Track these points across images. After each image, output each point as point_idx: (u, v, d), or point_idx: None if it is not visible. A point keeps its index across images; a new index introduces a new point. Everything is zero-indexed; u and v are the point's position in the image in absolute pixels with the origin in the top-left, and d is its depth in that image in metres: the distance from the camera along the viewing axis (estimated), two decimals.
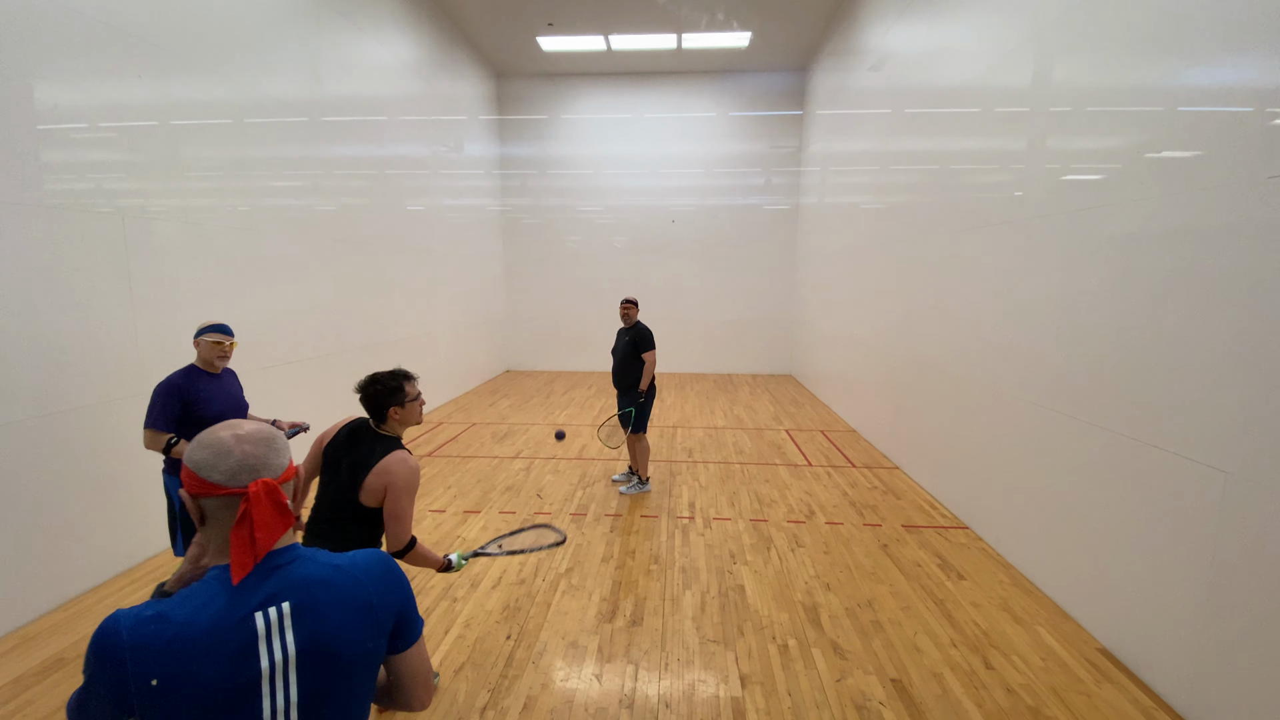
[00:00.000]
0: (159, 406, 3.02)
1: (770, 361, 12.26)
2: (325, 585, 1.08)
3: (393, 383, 2.35)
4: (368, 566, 1.15)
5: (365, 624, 1.10)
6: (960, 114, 4.97)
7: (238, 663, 0.99)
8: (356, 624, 1.09)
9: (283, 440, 1.13)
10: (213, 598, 1.01)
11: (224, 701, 0.98)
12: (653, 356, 5.26)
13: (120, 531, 3.91)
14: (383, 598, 1.13)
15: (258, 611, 1.01)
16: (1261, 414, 2.35)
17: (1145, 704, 2.78)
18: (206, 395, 3.14)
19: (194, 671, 0.96)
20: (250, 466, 1.05)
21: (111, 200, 3.85)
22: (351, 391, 2.44)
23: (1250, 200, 2.42)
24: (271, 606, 1.03)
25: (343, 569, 1.12)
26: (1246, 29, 2.49)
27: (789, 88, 11.44)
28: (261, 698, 1.00)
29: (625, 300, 5.40)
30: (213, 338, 3.20)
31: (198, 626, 0.98)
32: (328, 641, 1.05)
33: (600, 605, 3.60)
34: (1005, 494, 4.19)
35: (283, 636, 1.02)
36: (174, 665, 0.95)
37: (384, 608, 1.13)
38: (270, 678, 1.01)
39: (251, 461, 1.05)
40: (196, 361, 3.23)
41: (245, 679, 0.99)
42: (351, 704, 1.11)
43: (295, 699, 1.03)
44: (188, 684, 0.95)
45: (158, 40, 4.18)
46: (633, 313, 5.35)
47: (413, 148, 8.17)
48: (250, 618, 1.01)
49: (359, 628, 1.09)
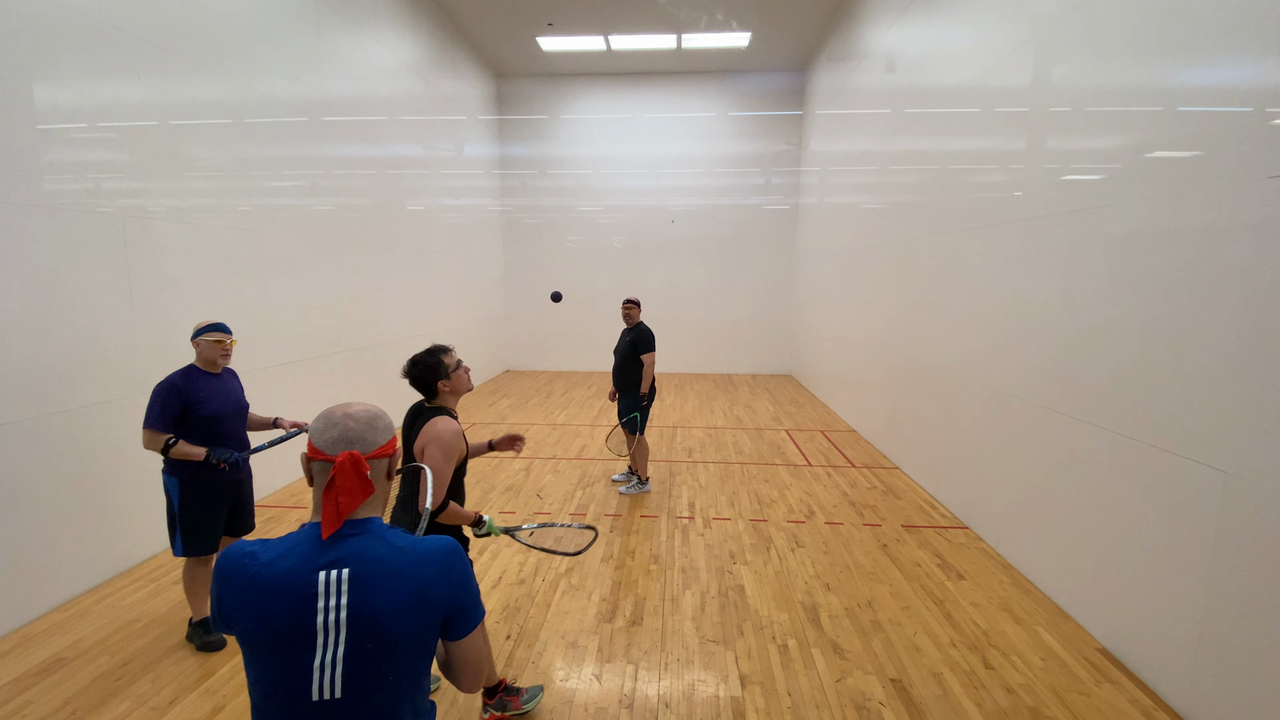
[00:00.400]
0: (158, 407, 3.00)
1: (770, 361, 12.26)
2: (383, 562, 1.17)
3: (431, 360, 2.44)
4: (428, 554, 1.22)
5: (414, 606, 1.17)
6: (960, 114, 4.97)
7: (299, 609, 1.12)
8: (404, 604, 1.16)
9: (385, 421, 1.27)
10: (295, 547, 1.16)
11: (284, 640, 1.12)
12: (651, 358, 5.25)
13: (120, 531, 3.91)
14: (436, 586, 1.20)
15: (321, 570, 1.14)
16: (1261, 414, 2.35)
17: (1145, 704, 2.78)
18: (206, 395, 3.13)
19: (263, 607, 1.12)
20: (346, 439, 1.20)
21: (111, 200, 3.85)
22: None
23: (1250, 200, 2.42)
24: (334, 569, 1.14)
25: (404, 551, 1.20)
26: (1246, 29, 2.49)
27: (789, 88, 11.44)
28: (315, 647, 1.12)
29: (627, 300, 5.39)
30: (213, 337, 3.19)
31: (276, 569, 1.14)
32: (373, 613, 1.14)
33: (600, 605, 3.60)
34: (1005, 494, 4.19)
35: (338, 598, 1.13)
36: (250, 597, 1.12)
37: (436, 595, 1.20)
38: (324, 630, 1.13)
39: (349, 435, 1.20)
40: (196, 361, 3.20)
41: (303, 626, 1.12)
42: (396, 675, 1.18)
43: (341, 656, 1.13)
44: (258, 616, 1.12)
45: (158, 40, 4.18)
46: (635, 313, 5.35)
47: (413, 148, 8.17)
48: (315, 574, 1.13)
49: (406, 608, 1.16)
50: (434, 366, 2.43)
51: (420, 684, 1.25)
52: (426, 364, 2.43)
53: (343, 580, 1.14)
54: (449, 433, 2.33)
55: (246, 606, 1.13)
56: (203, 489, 3.12)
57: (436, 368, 2.44)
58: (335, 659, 1.13)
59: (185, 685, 2.89)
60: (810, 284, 10.61)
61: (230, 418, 3.23)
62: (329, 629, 1.13)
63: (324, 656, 1.13)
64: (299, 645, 1.12)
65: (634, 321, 5.35)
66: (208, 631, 3.20)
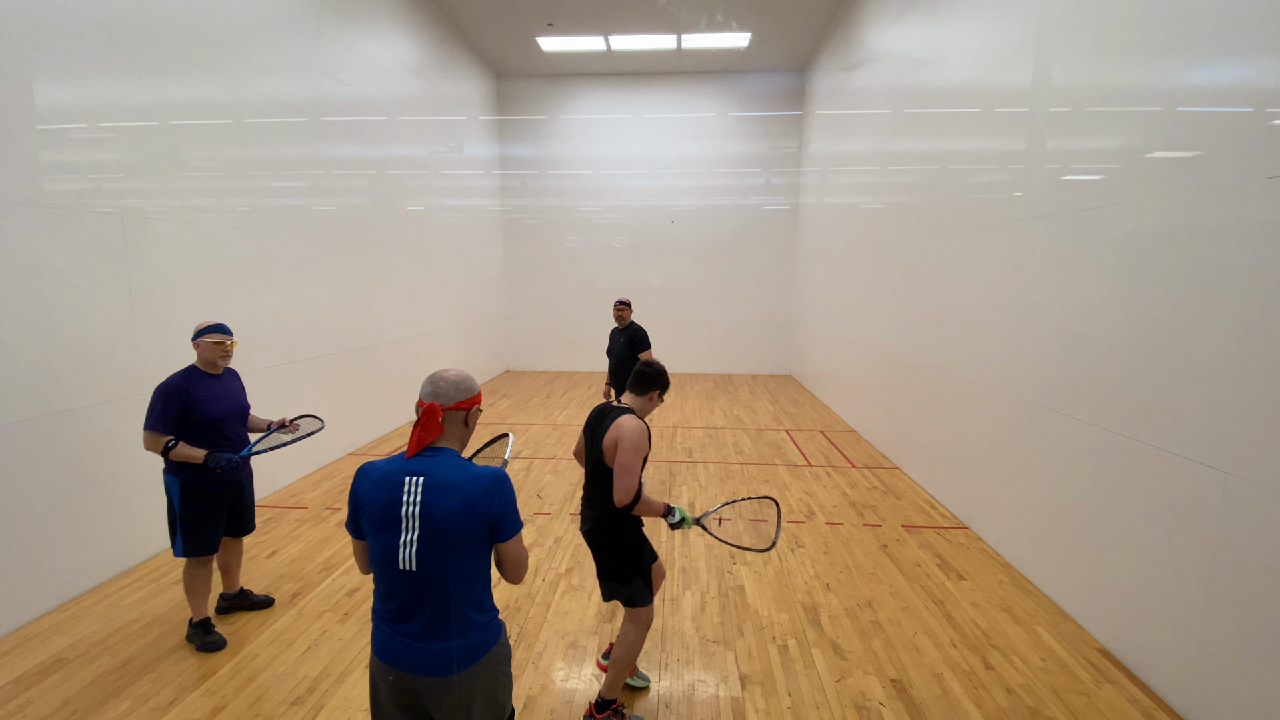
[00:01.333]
0: (159, 408, 2.99)
1: (770, 361, 12.26)
2: (446, 478, 1.63)
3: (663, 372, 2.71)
4: (479, 478, 1.65)
5: (464, 513, 1.61)
6: (960, 114, 4.97)
7: (391, 498, 1.62)
8: (457, 510, 1.60)
9: (469, 384, 1.74)
10: (396, 460, 1.67)
11: (382, 520, 1.62)
12: (650, 356, 5.26)
13: (120, 531, 3.91)
14: (483, 501, 1.63)
15: (407, 475, 1.63)
16: (1261, 414, 2.35)
17: (1145, 704, 2.78)
18: (207, 396, 3.12)
19: (373, 496, 1.63)
20: (435, 394, 1.70)
21: (111, 200, 3.85)
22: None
23: (1250, 200, 2.42)
24: (415, 476, 1.63)
25: (464, 473, 1.65)
26: (1246, 29, 2.49)
27: (789, 88, 11.44)
28: (400, 529, 1.61)
29: (619, 301, 5.44)
30: (214, 338, 3.17)
31: (380, 471, 1.66)
32: (434, 512, 1.60)
33: (600, 605, 3.60)
34: (1005, 494, 4.19)
35: (415, 495, 1.61)
36: (369, 487, 1.65)
37: (482, 508, 1.63)
38: (404, 519, 1.61)
39: (436, 391, 1.70)
40: (197, 362, 3.18)
41: (393, 511, 1.61)
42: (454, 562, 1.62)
43: (416, 538, 1.60)
44: (370, 502, 1.64)
45: (158, 40, 4.18)
46: (626, 314, 5.40)
47: (413, 148, 8.17)
48: (403, 474, 1.63)
49: (458, 514, 1.60)
50: (662, 378, 2.70)
51: (476, 577, 1.68)
52: (661, 373, 2.71)
53: (418, 484, 1.62)
54: (638, 430, 2.52)
55: (367, 494, 1.65)
56: (203, 490, 3.11)
57: (663, 380, 2.70)
58: (412, 540, 1.60)
59: (185, 685, 2.89)
60: (810, 284, 10.61)
61: (231, 419, 3.22)
62: (407, 519, 1.61)
63: (405, 537, 1.61)
64: (391, 528, 1.61)
65: (625, 322, 5.41)
66: (208, 632, 3.19)
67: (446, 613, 1.63)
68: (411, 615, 1.63)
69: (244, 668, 3.02)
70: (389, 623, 1.66)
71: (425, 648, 1.63)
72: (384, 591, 1.67)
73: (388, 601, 1.66)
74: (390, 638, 1.65)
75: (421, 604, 1.63)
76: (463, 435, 1.74)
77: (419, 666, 1.63)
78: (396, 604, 1.65)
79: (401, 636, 1.64)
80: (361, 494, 1.66)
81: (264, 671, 3.00)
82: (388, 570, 1.64)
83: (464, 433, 1.74)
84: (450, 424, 1.71)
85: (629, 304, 5.50)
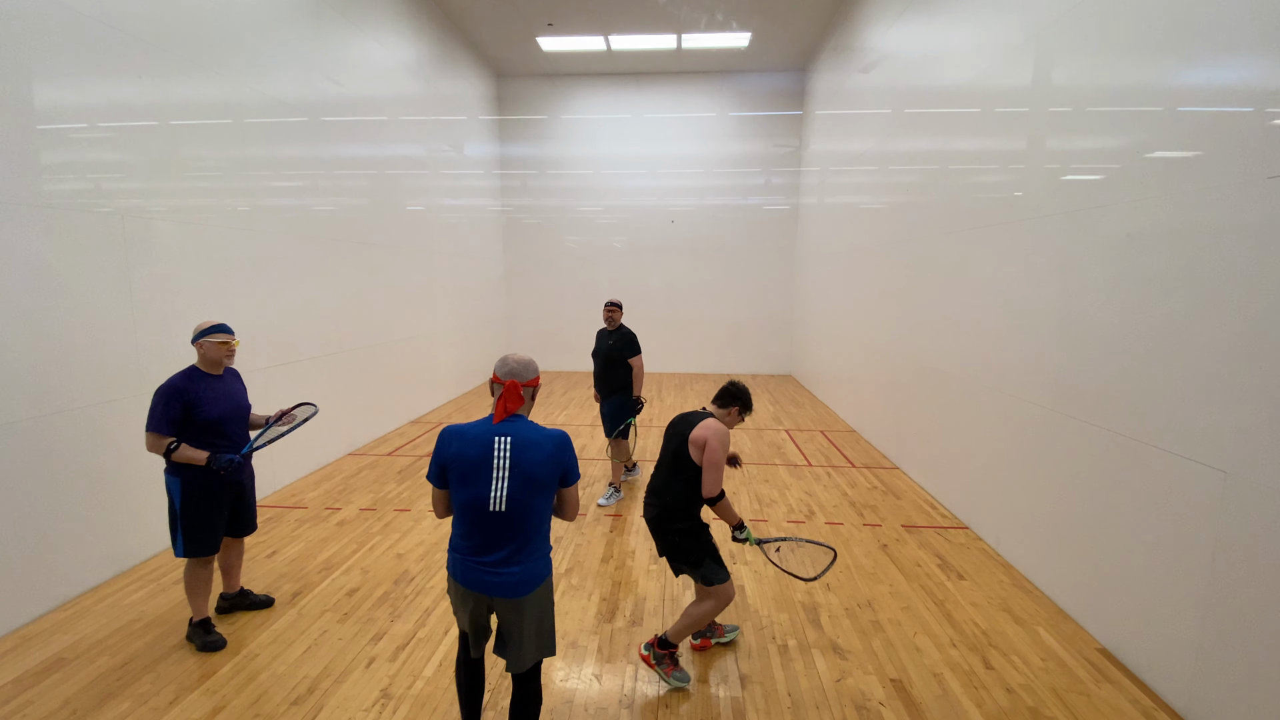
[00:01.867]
0: (160, 410, 2.97)
1: (770, 361, 12.26)
2: (529, 437, 2.11)
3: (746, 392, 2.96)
4: (553, 437, 2.15)
5: (545, 463, 2.10)
6: (960, 114, 4.97)
7: (483, 455, 2.07)
8: (536, 461, 2.08)
9: (534, 367, 2.21)
10: (484, 424, 2.13)
11: (473, 473, 2.06)
12: (640, 361, 5.20)
13: (120, 531, 3.91)
14: (553, 456, 2.12)
15: (495, 435, 2.09)
16: (1261, 414, 2.35)
17: (1145, 704, 2.78)
18: (208, 397, 3.10)
19: (465, 451, 2.07)
20: (512, 373, 2.17)
21: (111, 200, 3.85)
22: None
23: (1250, 200, 2.42)
24: (502, 436, 2.10)
25: (541, 433, 2.14)
26: (1246, 29, 2.49)
27: (789, 88, 11.44)
28: (491, 479, 2.06)
29: (610, 303, 5.28)
30: (218, 338, 3.15)
31: (471, 433, 2.10)
32: (520, 462, 2.07)
33: (600, 605, 3.60)
34: (1005, 494, 4.19)
35: (503, 450, 2.08)
36: (460, 445, 2.08)
37: (555, 459, 2.12)
38: (496, 469, 2.06)
39: (513, 371, 2.17)
40: (198, 363, 3.17)
41: (485, 463, 2.06)
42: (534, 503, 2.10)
43: (506, 480, 2.06)
44: (462, 456, 2.07)
45: (158, 40, 4.18)
46: (617, 315, 5.24)
47: (412, 148, 8.17)
48: (493, 435, 2.09)
49: (536, 462, 2.08)
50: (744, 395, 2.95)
51: (547, 516, 2.18)
52: (744, 391, 2.96)
53: (507, 444, 2.09)
54: (725, 433, 2.83)
55: (457, 451, 2.08)
56: (204, 490, 3.11)
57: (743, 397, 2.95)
58: (503, 487, 2.06)
59: (185, 685, 2.89)
60: (810, 284, 10.60)
61: (232, 420, 3.21)
62: (498, 469, 2.06)
63: (495, 486, 2.05)
64: (481, 479, 2.06)
65: (615, 324, 5.26)
66: (208, 632, 3.19)
67: (528, 543, 2.12)
68: (493, 549, 2.09)
69: (244, 668, 3.02)
70: (469, 556, 2.12)
71: (502, 574, 2.09)
72: (465, 531, 2.12)
73: (469, 539, 2.11)
74: (472, 568, 2.11)
75: (506, 539, 2.09)
76: (529, 406, 2.24)
77: (496, 590, 2.10)
78: (478, 540, 2.10)
79: (483, 567, 2.09)
80: (451, 452, 2.09)
81: (264, 671, 3.00)
82: (473, 513, 2.08)
83: (531, 404, 2.24)
84: (526, 397, 2.18)
85: (620, 306, 5.33)
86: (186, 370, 3.13)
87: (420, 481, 5.71)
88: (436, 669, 3.02)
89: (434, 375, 8.95)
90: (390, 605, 3.58)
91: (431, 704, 2.77)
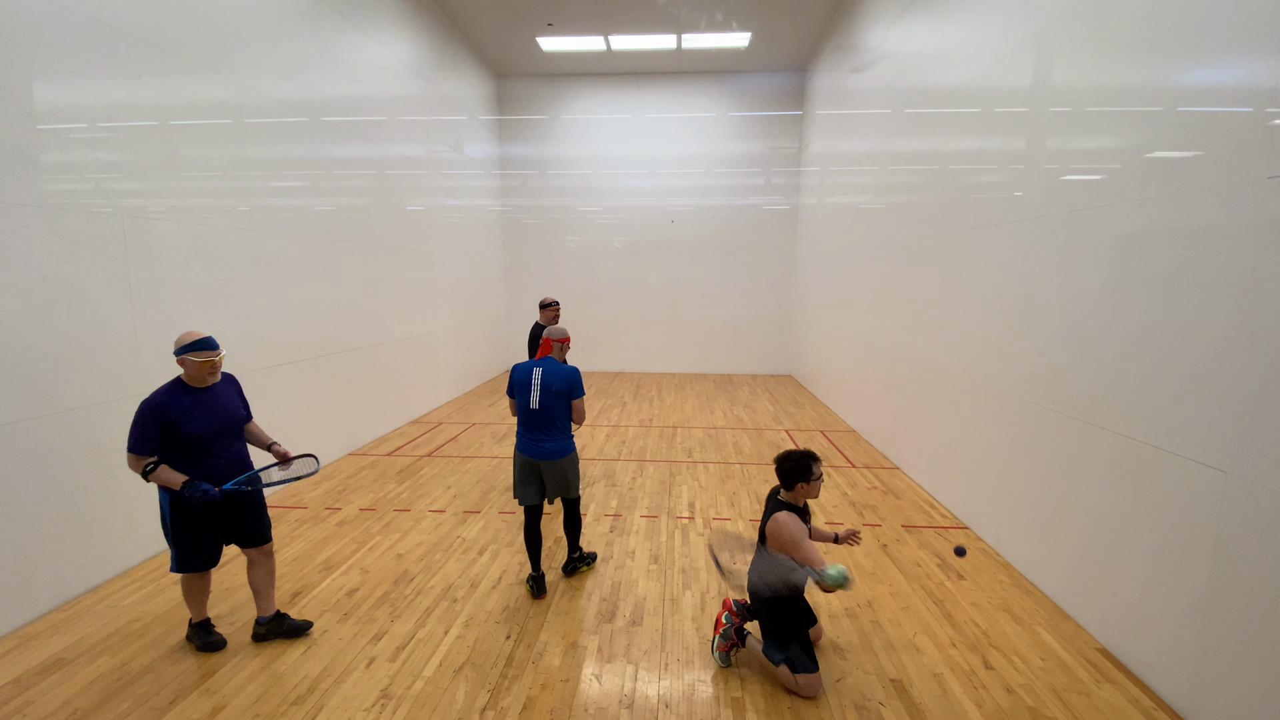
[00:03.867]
0: (139, 429, 2.79)
1: (770, 361, 12.26)
2: (551, 369, 3.64)
3: (802, 461, 2.90)
4: (564, 370, 3.64)
5: (559, 382, 3.61)
6: (960, 114, 4.97)
7: (526, 377, 3.66)
8: (554, 381, 3.60)
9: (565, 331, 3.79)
10: (528, 362, 3.73)
11: (523, 385, 3.66)
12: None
13: (120, 531, 3.91)
14: (564, 379, 3.62)
15: (533, 367, 3.65)
16: (1261, 414, 2.35)
17: (1145, 704, 2.78)
18: (191, 414, 2.90)
19: (520, 376, 3.69)
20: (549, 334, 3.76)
21: (111, 200, 3.85)
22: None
23: (1250, 200, 2.42)
24: (537, 368, 3.65)
25: (560, 367, 3.65)
26: (1246, 29, 2.49)
27: (789, 88, 11.44)
28: (531, 391, 3.62)
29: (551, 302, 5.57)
30: (199, 355, 2.90)
31: (523, 365, 3.73)
32: (546, 382, 3.61)
33: (600, 605, 3.60)
34: (1005, 494, 4.19)
35: (538, 377, 3.63)
36: (518, 373, 3.71)
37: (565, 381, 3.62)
38: (534, 384, 3.63)
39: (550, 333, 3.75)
40: (183, 376, 2.95)
41: (527, 382, 3.65)
42: (555, 407, 3.62)
43: (540, 394, 3.60)
44: (519, 379, 3.69)
45: (158, 40, 4.18)
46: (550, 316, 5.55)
47: (413, 148, 8.17)
48: (532, 366, 3.65)
49: (557, 380, 3.60)
50: (801, 468, 2.89)
51: (565, 414, 3.66)
52: (797, 462, 2.89)
53: (540, 370, 3.62)
54: (789, 526, 2.80)
55: (517, 375, 3.69)
56: (193, 510, 2.94)
57: (800, 470, 2.89)
58: (537, 395, 3.59)
59: (185, 685, 2.89)
60: (810, 284, 10.60)
61: (220, 436, 3.01)
62: (533, 383, 3.61)
63: (533, 393, 3.60)
64: (528, 388, 3.62)
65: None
66: (208, 633, 3.18)
67: (554, 429, 3.64)
68: (536, 431, 3.63)
69: (244, 668, 3.02)
70: (525, 437, 3.67)
71: (543, 445, 3.63)
72: (524, 420, 3.67)
73: (523, 426, 3.68)
74: (527, 444, 3.65)
75: (542, 427, 3.63)
76: (562, 353, 3.76)
77: (541, 455, 3.63)
78: (528, 426, 3.65)
79: (533, 443, 3.63)
80: (514, 377, 3.71)
81: (264, 671, 3.00)
82: (524, 411, 3.66)
83: (562, 352, 3.76)
84: (555, 350, 3.75)
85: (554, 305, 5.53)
86: (170, 384, 2.95)
87: (419, 482, 5.72)
88: (436, 669, 3.02)
89: (434, 375, 8.95)
90: (390, 605, 3.58)
91: (431, 704, 2.77)
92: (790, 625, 2.90)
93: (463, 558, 4.19)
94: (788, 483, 2.95)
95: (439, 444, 7.00)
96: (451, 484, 5.67)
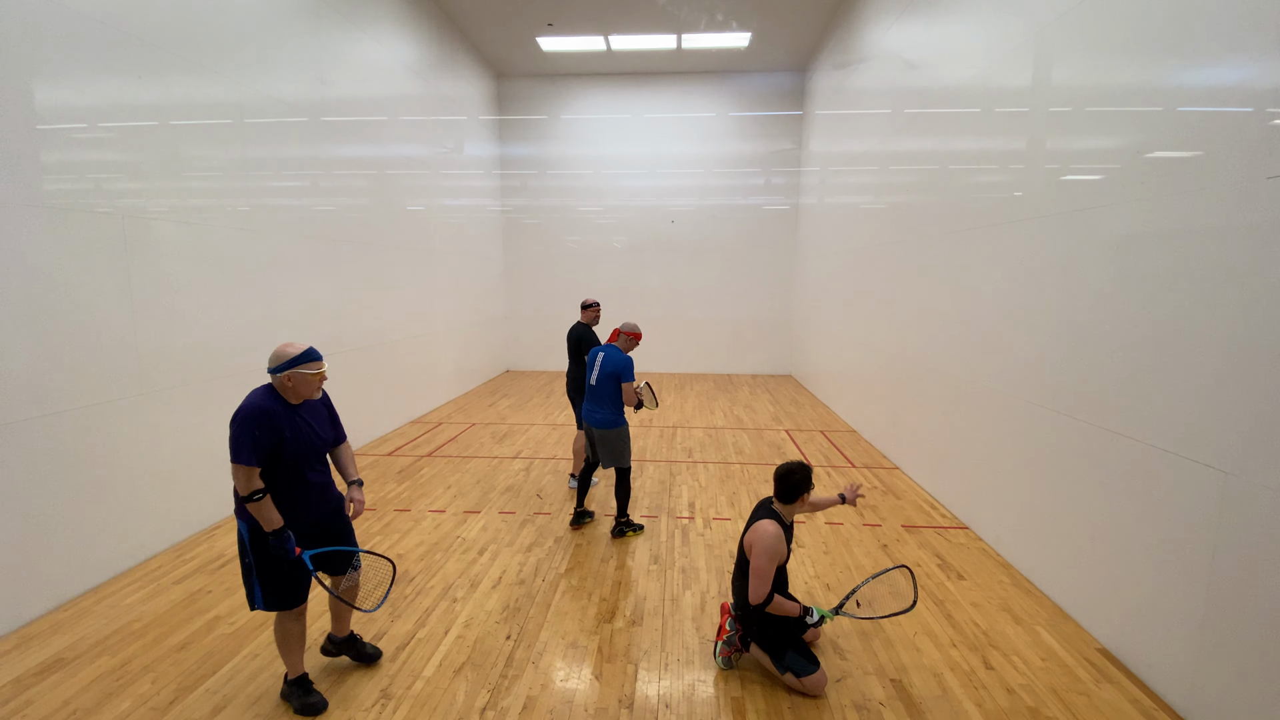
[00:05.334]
0: (248, 437, 2.40)
1: (770, 361, 12.26)
2: (610, 355, 4.39)
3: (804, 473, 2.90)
4: (619, 357, 4.37)
5: (612, 365, 4.35)
6: (960, 114, 4.97)
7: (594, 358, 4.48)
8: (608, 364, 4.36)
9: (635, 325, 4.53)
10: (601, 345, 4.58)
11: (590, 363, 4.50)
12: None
13: (120, 531, 3.91)
14: (616, 364, 4.35)
15: (599, 351, 4.52)
16: (1261, 414, 2.35)
17: (1145, 704, 2.78)
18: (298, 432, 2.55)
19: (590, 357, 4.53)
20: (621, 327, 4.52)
21: (111, 200, 3.85)
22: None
23: (1250, 200, 2.42)
24: (600, 352, 4.46)
25: (617, 353, 4.39)
26: (1246, 29, 2.49)
27: (789, 88, 11.44)
28: (592, 369, 4.45)
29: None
30: (313, 369, 2.54)
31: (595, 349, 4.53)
32: (604, 363, 4.39)
33: (600, 605, 3.60)
34: (1005, 494, 4.19)
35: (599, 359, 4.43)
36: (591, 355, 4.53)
37: (616, 365, 4.35)
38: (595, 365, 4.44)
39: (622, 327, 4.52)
40: (283, 393, 2.56)
41: (594, 362, 4.46)
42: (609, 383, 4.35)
43: (598, 373, 4.40)
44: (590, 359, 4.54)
45: (158, 40, 4.18)
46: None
47: (413, 148, 8.17)
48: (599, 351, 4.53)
49: (612, 364, 4.36)
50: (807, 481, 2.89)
51: (616, 391, 4.35)
52: (805, 475, 2.89)
53: (601, 355, 4.43)
54: (771, 536, 2.78)
55: (591, 356, 4.51)
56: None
57: (806, 483, 2.89)
58: (597, 371, 4.40)
59: (185, 685, 2.89)
60: (810, 284, 10.60)
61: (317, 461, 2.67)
62: (595, 365, 4.42)
63: (593, 371, 4.42)
64: (592, 366, 4.45)
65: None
66: (307, 692, 2.73)
67: (606, 404, 4.32)
68: (591, 403, 4.38)
69: (243, 668, 3.02)
70: (586, 405, 4.41)
71: (595, 415, 4.36)
72: (586, 393, 4.45)
73: (587, 400, 4.41)
74: (587, 412, 4.40)
75: (595, 400, 4.35)
76: (627, 344, 4.43)
77: (594, 424, 4.37)
78: (587, 399, 4.41)
79: (589, 411, 4.39)
80: (589, 356, 4.49)
81: (264, 671, 3.00)
82: (587, 385, 4.43)
83: (628, 344, 4.44)
84: (621, 341, 4.42)
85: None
86: (264, 390, 2.54)
87: (419, 482, 5.72)
88: (436, 669, 3.02)
89: (434, 375, 8.95)
90: (390, 605, 3.58)
91: (431, 704, 2.77)
92: (781, 633, 2.89)
93: (463, 558, 4.19)
94: (791, 495, 2.89)
95: (439, 444, 7.00)
96: (451, 484, 5.67)
